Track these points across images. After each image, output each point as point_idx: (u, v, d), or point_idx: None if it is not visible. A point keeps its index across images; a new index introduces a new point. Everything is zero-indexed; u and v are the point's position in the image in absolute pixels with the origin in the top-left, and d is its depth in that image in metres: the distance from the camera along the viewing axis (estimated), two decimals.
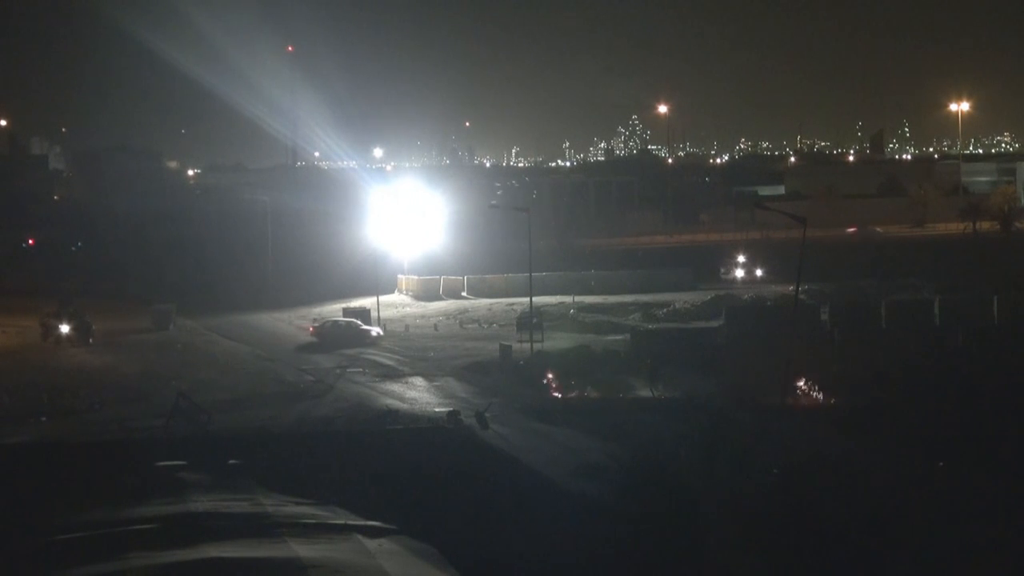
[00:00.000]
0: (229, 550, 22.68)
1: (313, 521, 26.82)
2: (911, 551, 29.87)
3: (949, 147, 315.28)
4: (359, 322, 69.49)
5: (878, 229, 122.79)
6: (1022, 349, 52.75)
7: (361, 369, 58.44)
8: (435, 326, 75.54)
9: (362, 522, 27.16)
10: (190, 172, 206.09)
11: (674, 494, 33.38)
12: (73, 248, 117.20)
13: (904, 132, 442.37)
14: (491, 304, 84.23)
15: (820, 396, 50.94)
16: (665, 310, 76.52)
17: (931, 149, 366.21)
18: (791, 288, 60.70)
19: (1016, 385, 46.22)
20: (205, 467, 33.84)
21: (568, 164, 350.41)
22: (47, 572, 22.48)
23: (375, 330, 69.04)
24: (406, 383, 54.27)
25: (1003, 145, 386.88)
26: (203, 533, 24.29)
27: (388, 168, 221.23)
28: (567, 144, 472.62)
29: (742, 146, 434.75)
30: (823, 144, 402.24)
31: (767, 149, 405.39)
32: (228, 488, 30.71)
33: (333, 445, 39.30)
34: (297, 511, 28.15)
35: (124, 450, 37.89)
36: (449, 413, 45.05)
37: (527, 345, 61.49)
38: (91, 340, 66.63)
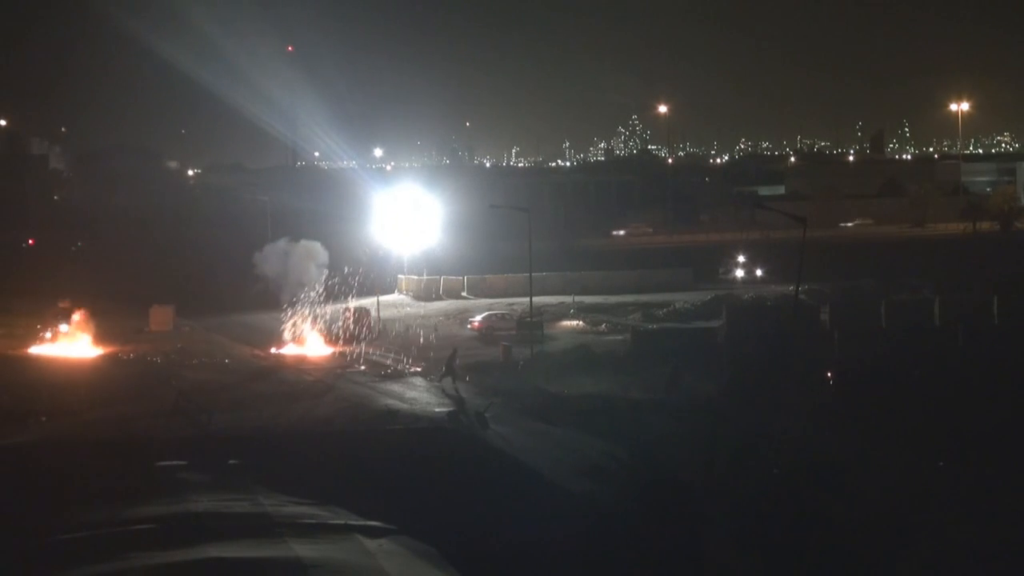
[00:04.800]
0: (229, 550, 22.68)
1: (313, 521, 26.82)
2: (911, 551, 29.88)
3: (949, 147, 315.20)
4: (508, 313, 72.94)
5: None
6: (1022, 349, 52.76)
7: (361, 369, 58.51)
8: (435, 326, 75.55)
9: (362, 522, 27.15)
10: (190, 172, 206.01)
11: (674, 494, 33.42)
12: (73, 248, 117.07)
13: (904, 132, 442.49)
14: (491, 304, 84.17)
15: None
16: (665, 310, 76.54)
17: (931, 149, 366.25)
18: (791, 288, 60.67)
19: (1016, 385, 46.26)
20: (205, 467, 33.84)
21: (568, 164, 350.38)
22: (47, 572, 22.47)
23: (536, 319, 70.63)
24: (406, 383, 54.27)
25: (1003, 145, 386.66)
26: (203, 533, 24.29)
27: (388, 168, 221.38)
28: (567, 144, 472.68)
29: (742, 146, 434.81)
30: (823, 144, 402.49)
31: (767, 149, 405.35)
32: (228, 488, 30.70)
33: (333, 445, 39.30)
34: (297, 511, 28.14)
35: (124, 450, 37.87)
36: (449, 413, 45.08)
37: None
38: (92, 341, 66.63)
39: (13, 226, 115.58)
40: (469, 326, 72.30)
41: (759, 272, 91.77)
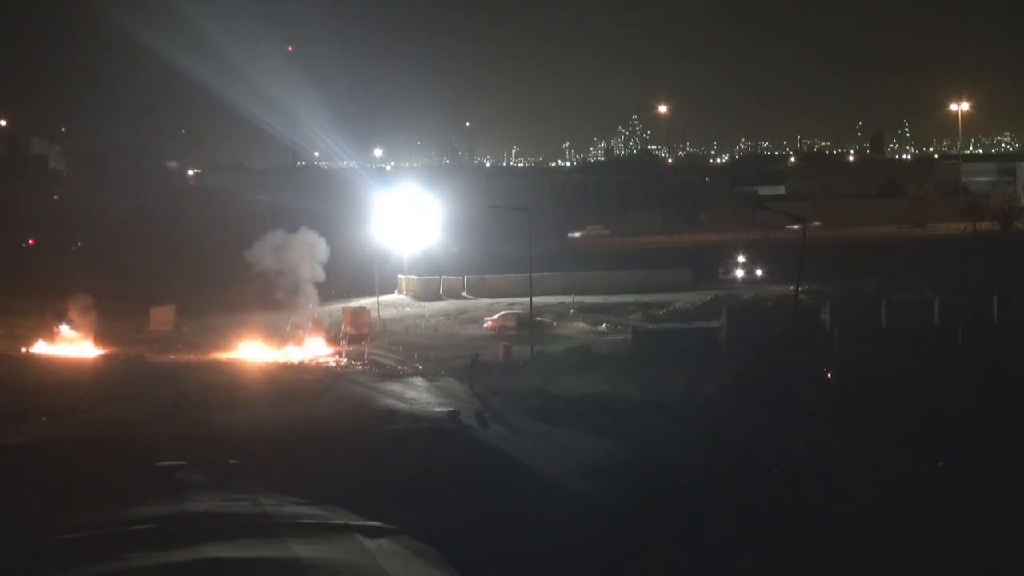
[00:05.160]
0: (229, 550, 22.70)
1: (313, 521, 26.84)
2: (911, 551, 29.88)
3: (949, 147, 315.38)
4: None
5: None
6: (1022, 349, 52.73)
7: (361, 369, 58.51)
8: (435, 326, 75.58)
9: (362, 522, 27.17)
10: (190, 172, 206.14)
11: (675, 494, 33.41)
12: (73, 248, 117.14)
13: (904, 132, 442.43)
14: (491, 304, 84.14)
15: None
16: (665, 310, 76.53)
17: (931, 149, 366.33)
18: (791, 288, 60.73)
19: (1016, 385, 46.24)
20: (205, 467, 33.88)
21: (568, 164, 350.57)
22: (47, 572, 22.48)
23: (548, 319, 71.20)
24: (406, 383, 54.27)
25: (1003, 145, 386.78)
26: (203, 533, 24.31)
27: (388, 168, 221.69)
28: (567, 144, 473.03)
29: (742, 146, 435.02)
30: (823, 144, 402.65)
31: (767, 149, 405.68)
32: (228, 488, 30.75)
33: (333, 445, 39.31)
34: (297, 511, 28.16)
35: (124, 450, 37.90)
36: (449, 413, 45.07)
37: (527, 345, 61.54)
38: (91, 340, 66.69)
39: (13, 226, 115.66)
40: (485, 325, 72.06)
41: (759, 272, 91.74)
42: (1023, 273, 73.37)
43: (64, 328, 66.60)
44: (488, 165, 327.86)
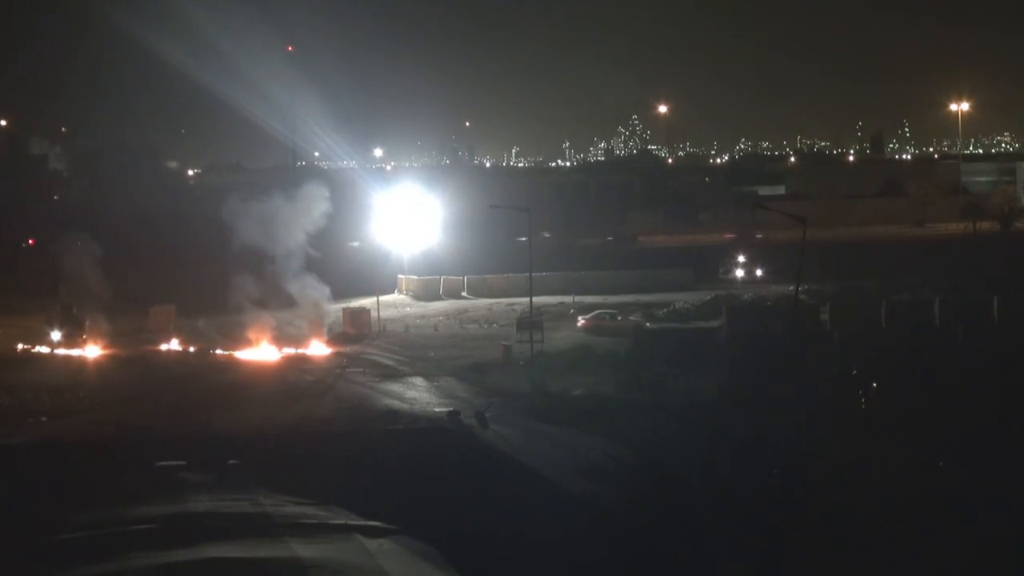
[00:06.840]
0: (229, 550, 22.73)
1: (313, 521, 26.87)
2: (911, 551, 29.88)
3: (949, 147, 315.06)
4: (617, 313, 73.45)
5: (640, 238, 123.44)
6: (1022, 349, 52.71)
7: (361, 369, 58.49)
8: (435, 326, 75.56)
9: (362, 522, 27.20)
10: (190, 172, 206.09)
11: (674, 494, 33.41)
12: (72, 248, 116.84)
13: (904, 132, 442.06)
14: (491, 304, 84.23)
15: None
16: (665, 310, 76.53)
17: (931, 149, 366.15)
18: (791, 288, 60.67)
19: (1016, 385, 46.21)
20: (205, 467, 33.89)
21: (568, 164, 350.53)
22: (47, 572, 22.50)
23: (638, 317, 71.74)
24: (406, 383, 54.27)
25: (1003, 145, 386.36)
26: (203, 533, 24.35)
27: (388, 168, 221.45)
28: (567, 144, 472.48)
29: (742, 146, 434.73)
30: (823, 144, 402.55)
31: (767, 149, 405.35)
32: (228, 488, 30.77)
33: (333, 445, 39.33)
34: (297, 511, 28.19)
35: (124, 450, 37.91)
36: (449, 413, 45.08)
37: (527, 345, 61.52)
38: (86, 340, 66.65)
39: (13, 226, 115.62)
40: (579, 324, 71.62)
41: (759, 272, 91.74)
42: (1023, 273, 73.31)
43: (55, 334, 66.58)
44: (488, 165, 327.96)
